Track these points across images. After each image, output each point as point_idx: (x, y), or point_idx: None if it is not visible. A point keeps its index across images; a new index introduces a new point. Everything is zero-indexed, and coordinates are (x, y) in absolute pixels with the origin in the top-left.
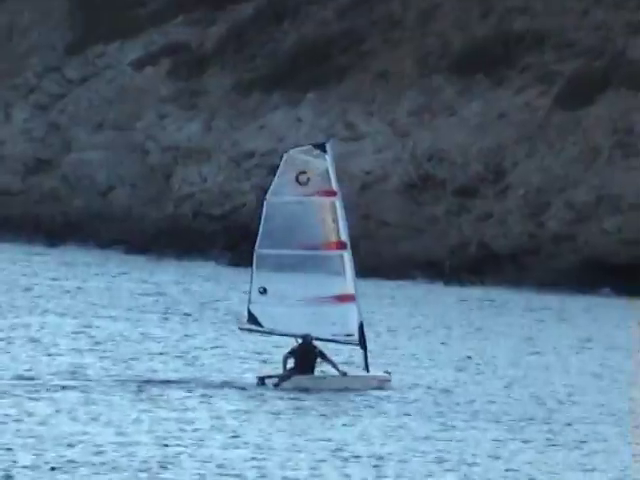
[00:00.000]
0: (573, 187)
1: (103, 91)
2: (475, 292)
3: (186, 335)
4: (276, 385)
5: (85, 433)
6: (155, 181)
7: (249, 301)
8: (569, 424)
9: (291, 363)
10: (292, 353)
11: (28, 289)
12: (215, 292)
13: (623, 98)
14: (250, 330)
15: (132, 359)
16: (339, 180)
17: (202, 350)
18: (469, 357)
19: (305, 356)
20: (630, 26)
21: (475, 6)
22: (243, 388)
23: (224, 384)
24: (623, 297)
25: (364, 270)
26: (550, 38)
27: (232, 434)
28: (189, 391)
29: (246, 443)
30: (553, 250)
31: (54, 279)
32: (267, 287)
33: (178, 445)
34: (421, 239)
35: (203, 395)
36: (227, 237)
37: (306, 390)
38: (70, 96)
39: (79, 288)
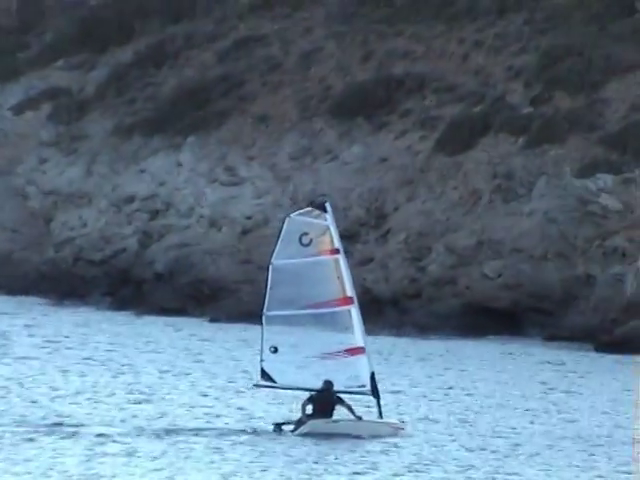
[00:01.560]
0: (454, 231)
1: None
2: None
3: None
4: (293, 431)
5: None
6: (36, 225)
7: (261, 359)
8: None
9: (309, 410)
10: (311, 399)
11: None
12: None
13: (502, 143)
14: (265, 386)
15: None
16: (220, 225)
17: None
18: None
19: (323, 402)
20: (510, 71)
21: (356, 50)
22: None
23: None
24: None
25: (246, 315)
26: (430, 82)
27: None
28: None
29: None
30: (434, 294)
31: None
32: (278, 346)
33: None
34: None
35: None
36: (107, 282)
37: (326, 434)
38: None
39: None
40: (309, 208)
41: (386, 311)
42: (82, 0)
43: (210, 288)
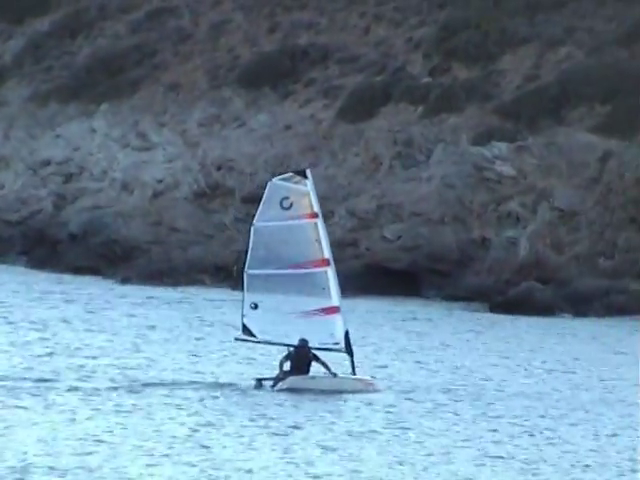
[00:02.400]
0: (355, 196)
1: None
2: None
3: None
4: (273, 386)
5: None
6: None
7: (242, 315)
8: None
9: (287, 366)
10: (288, 357)
11: None
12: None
13: (403, 112)
14: (245, 340)
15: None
16: (131, 188)
17: None
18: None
19: (300, 359)
20: (409, 43)
21: (263, 21)
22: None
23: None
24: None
25: (157, 274)
26: (334, 53)
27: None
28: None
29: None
30: (336, 255)
31: None
32: (258, 303)
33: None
34: (210, 245)
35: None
36: (23, 241)
37: (304, 390)
38: None
39: None
40: (290, 174)
41: None
42: None
43: (122, 248)
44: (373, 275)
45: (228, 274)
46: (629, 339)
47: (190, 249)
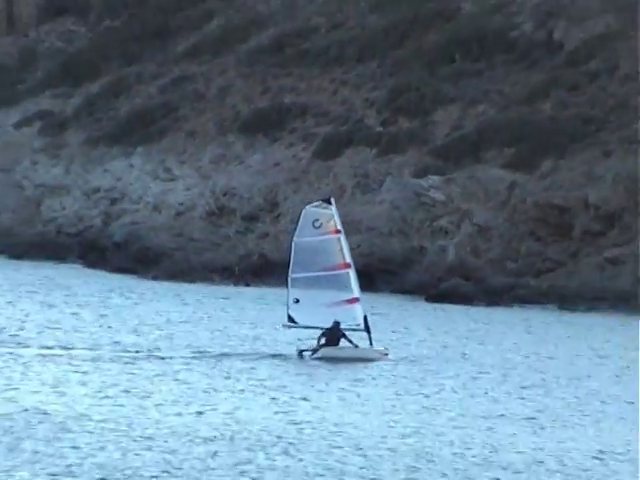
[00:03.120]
0: None
1: None
2: (255, 291)
3: None
4: (311, 355)
5: None
6: (29, 208)
7: (287, 308)
8: None
9: (322, 341)
10: (324, 334)
11: None
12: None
13: (361, 152)
14: (291, 326)
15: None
16: (160, 209)
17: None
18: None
19: (332, 336)
20: (367, 102)
21: (257, 85)
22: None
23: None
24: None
25: (179, 273)
26: (310, 109)
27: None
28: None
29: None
30: None
31: None
32: (299, 298)
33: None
34: (218, 251)
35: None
36: (80, 248)
37: (335, 359)
38: None
39: None
40: (319, 202)
41: (276, 271)
42: (63, 48)
43: (153, 254)
44: None
45: (232, 273)
46: (525, 322)
47: (204, 254)
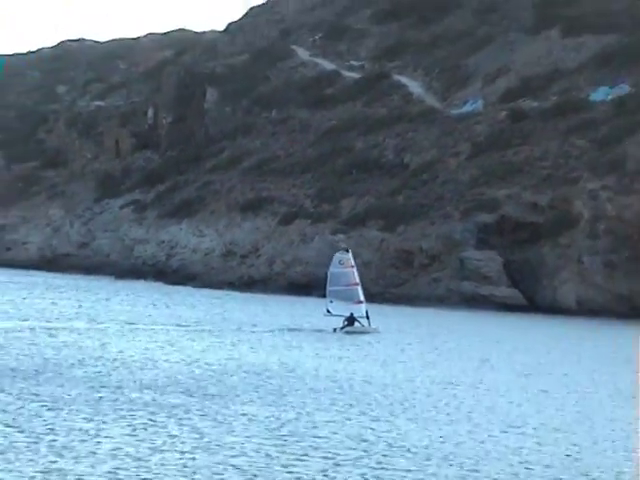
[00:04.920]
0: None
1: None
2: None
3: None
4: (341, 330)
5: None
6: (126, 251)
7: (327, 305)
8: None
9: (346, 323)
10: (347, 319)
11: None
12: None
13: (303, 222)
14: (328, 315)
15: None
16: (197, 252)
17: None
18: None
19: (351, 320)
20: (306, 195)
21: (248, 187)
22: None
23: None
24: None
25: (206, 285)
26: (276, 199)
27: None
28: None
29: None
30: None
31: None
32: (332, 300)
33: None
34: (226, 274)
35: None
36: (154, 273)
37: (352, 332)
38: None
39: None
40: (342, 250)
41: (260, 284)
42: (144, 166)
43: (192, 275)
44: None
45: (234, 285)
46: (383, 313)
47: (220, 276)
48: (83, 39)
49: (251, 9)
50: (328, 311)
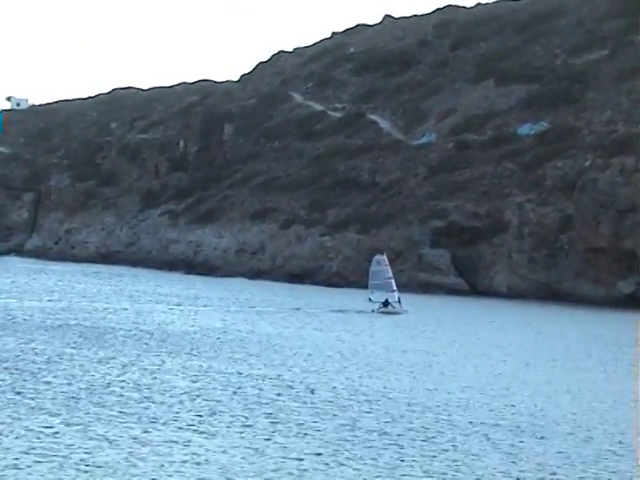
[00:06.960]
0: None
1: None
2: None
3: None
4: (378, 310)
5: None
6: (163, 249)
7: (369, 294)
8: None
9: (382, 305)
10: (383, 303)
11: None
12: None
13: (298, 227)
14: (370, 301)
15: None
16: (218, 249)
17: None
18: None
19: (386, 303)
20: (300, 207)
21: (256, 200)
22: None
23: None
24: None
25: (226, 274)
26: (278, 209)
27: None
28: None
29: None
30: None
31: None
32: (374, 291)
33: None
34: (239, 266)
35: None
36: (185, 267)
37: (387, 312)
38: None
39: None
40: (381, 253)
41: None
42: (178, 185)
43: (214, 267)
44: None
45: (244, 274)
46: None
47: (235, 267)
48: (130, 87)
49: (258, 64)
50: (370, 299)
